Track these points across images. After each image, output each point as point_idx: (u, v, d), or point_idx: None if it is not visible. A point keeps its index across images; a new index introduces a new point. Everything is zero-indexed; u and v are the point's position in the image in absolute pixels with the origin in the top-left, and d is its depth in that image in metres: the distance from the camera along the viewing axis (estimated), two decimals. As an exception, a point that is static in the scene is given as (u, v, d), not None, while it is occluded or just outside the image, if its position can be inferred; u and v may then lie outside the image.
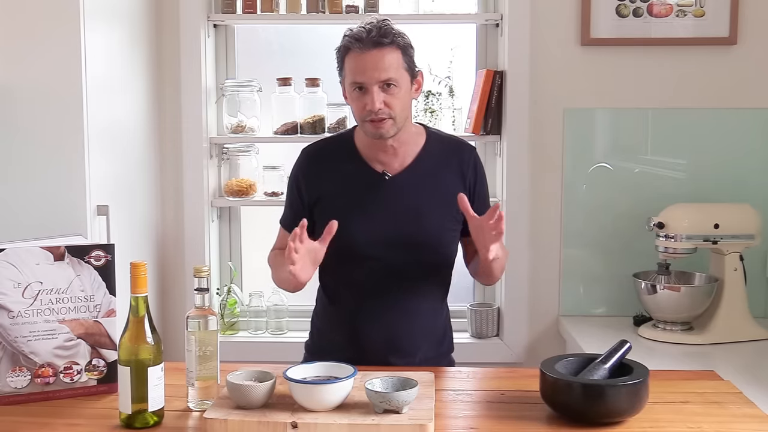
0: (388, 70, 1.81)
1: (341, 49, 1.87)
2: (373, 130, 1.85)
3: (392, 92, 1.83)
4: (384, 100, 1.82)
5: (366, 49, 1.81)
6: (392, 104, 1.83)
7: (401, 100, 1.85)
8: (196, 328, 1.60)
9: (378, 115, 1.82)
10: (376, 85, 1.81)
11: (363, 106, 1.83)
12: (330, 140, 2.10)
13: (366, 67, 1.81)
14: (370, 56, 1.81)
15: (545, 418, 1.56)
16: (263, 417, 1.46)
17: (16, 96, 2.18)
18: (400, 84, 1.84)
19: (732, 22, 2.71)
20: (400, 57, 1.84)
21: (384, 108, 1.82)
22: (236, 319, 2.94)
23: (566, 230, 2.82)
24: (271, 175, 2.85)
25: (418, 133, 1.98)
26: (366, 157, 1.95)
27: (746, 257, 2.54)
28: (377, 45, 1.81)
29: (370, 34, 1.81)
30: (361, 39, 1.81)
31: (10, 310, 1.65)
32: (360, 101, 1.84)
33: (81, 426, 1.55)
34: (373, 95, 1.81)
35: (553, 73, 2.77)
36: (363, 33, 1.82)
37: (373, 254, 1.90)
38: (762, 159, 2.77)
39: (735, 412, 1.59)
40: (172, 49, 2.80)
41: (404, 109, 1.87)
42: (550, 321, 2.86)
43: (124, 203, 2.48)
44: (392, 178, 1.92)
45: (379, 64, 1.81)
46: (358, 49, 1.82)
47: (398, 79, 1.83)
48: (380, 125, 1.83)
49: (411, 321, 1.94)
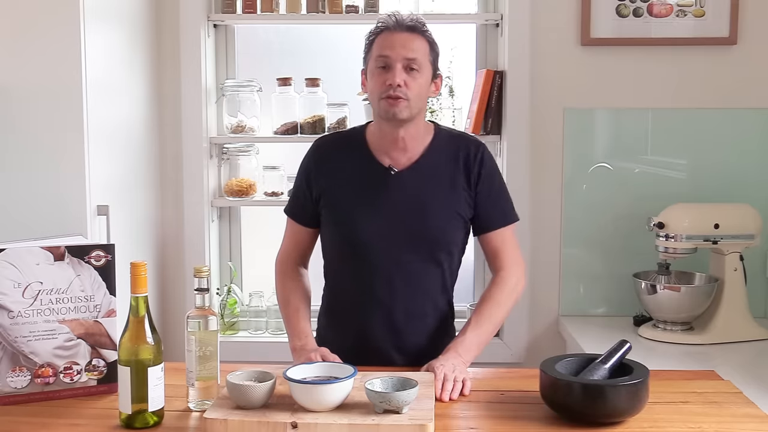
0: (415, 51, 1.86)
1: (374, 31, 1.92)
2: (388, 108, 1.86)
3: (414, 76, 1.86)
4: (405, 80, 1.85)
5: (399, 29, 1.88)
6: (411, 86, 1.85)
7: (420, 86, 1.87)
8: (196, 328, 1.60)
9: (395, 92, 1.84)
10: (400, 63, 1.85)
11: (383, 82, 1.86)
12: (342, 134, 2.13)
13: (395, 44, 1.86)
14: (401, 36, 1.87)
15: (545, 418, 1.56)
16: (263, 417, 1.46)
17: (16, 96, 2.18)
18: (422, 70, 1.87)
19: (732, 22, 2.71)
20: (427, 48, 1.90)
21: (403, 87, 1.84)
22: (236, 319, 2.94)
23: (566, 230, 2.82)
24: (271, 175, 2.85)
25: (427, 130, 1.98)
26: (375, 151, 1.95)
27: (746, 257, 2.54)
28: (410, 29, 1.88)
29: (404, 20, 1.89)
30: (397, 21, 1.89)
31: (10, 310, 1.65)
32: (381, 77, 1.87)
33: (81, 426, 1.55)
34: (395, 71, 1.85)
35: (553, 73, 2.77)
36: (399, 17, 1.90)
37: (377, 247, 1.90)
38: (762, 159, 2.77)
39: (735, 412, 1.59)
40: (172, 49, 2.80)
41: (421, 97, 1.89)
42: (550, 321, 2.86)
43: (124, 203, 2.48)
44: (398, 173, 1.93)
45: (408, 44, 1.87)
46: (392, 29, 1.88)
47: (422, 65, 1.87)
48: (395, 103, 1.85)
49: (414, 317, 1.94)
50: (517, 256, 1.99)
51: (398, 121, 1.87)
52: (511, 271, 1.97)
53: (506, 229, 1.98)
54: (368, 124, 2.01)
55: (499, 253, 1.97)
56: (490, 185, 1.96)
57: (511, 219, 1.99)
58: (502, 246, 1.97)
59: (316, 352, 1.81)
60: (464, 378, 1.71)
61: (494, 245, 1.97)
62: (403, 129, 1.90)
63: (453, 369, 1.73)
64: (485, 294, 1.96)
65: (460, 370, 1.75)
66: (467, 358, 1.83)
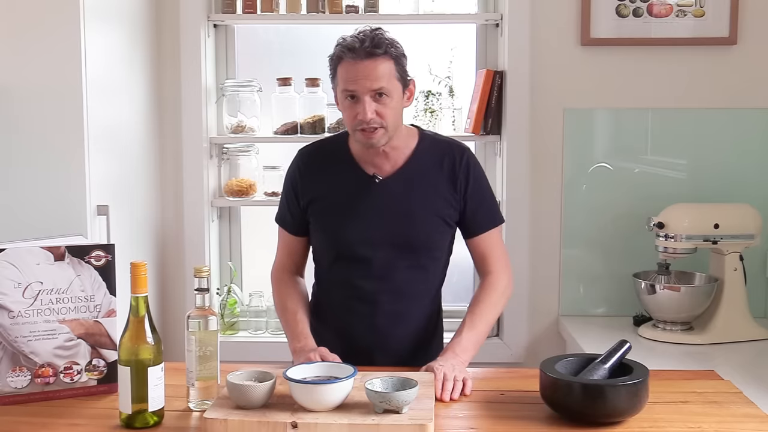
0: (380, 79, 1.81)
1: (334, 57, 1.86)
2: (364, 140, 1.85)
3: (384, 102, 1.82)
4: (376, 110, 1.82)
5: (359, 59, 1.80)
6: (384, 114, 1.83)
7: (393, 110, 1.85)
8: (196, 328, 1.60)
9: (369, 124, 1.82)
10: (368, 95, 1.81)
11: (354, 116, 1.83)
12: (325, 142, 2.09)
13: (358, 77, 1.81)
14: (363, 66, 1.80)
15: (545, 418, 1.56)
16: (263, 417, 1.46)
17: (16, 96, 2.18)
18: (391, 94, 1.83)
19: (732, 22, 2.71)
20: (392, 67, 1.84)
21: (375, 117, 1.82)
22: (236, 319, 2.94)
23: (566, 230, 2.82)
24: (271, 175, 2.85)
25: (410, 135, 1.97)
26: (358, 160, 1.95)
27: (746, 257, 2.54)
28: (370, 55, 1.80)
29: (363, 44, 1.80)
30: (354, 49, 1.81)
31: (11, 310, 1.65)
32: (351, 110, 1.84)
33: (81, 426, 1.55)
34: (364, 105, 1.81)
35: (553, 73, 2.77)
36: (356, 43, 1.81)
37: (363, 255, 1.91)
38: (762, 159, 2.77)
39: (735, 412, 1.59)
40: (172, 49, 2.80)
41: (396, 119, 1.87)
42: (550, 321, 2.86)
43: (124, 203, 2.48)
44: (383, 181, 1.93)
45: (371, 74, 1.80)
46: (351, 59, 1.81)
47: (390, 89, 1.83)
48: (371, 135, 1.84)
49: (399, 322, 1.95)
50: (505, 260, 2.01)
51: (377, 147, 1.88)
52: (500, 276, 1.98)
53: (494, 231, 1.99)
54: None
55: (488, 257, 1.98)
56: (476, 190, 1.96)
57: (499, 221, 2.01)
58: (490, 249, 1.98)
59: (315, 352, 1.81)
60: (465, 378, 1.72)
61: (483, 248, 1.98)
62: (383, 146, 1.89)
63: (453, 369, 1.73)
64: (478, 296, 1.96)
65: (460, 369, 1.75)
66: (465, 358, 1.83)
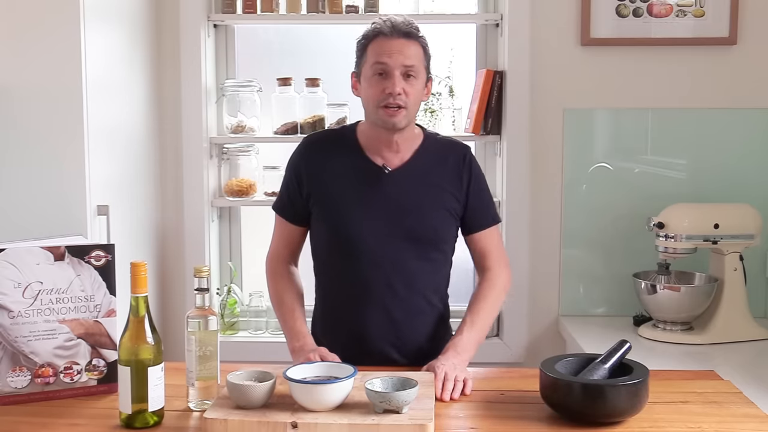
0: (413, 58, 1.86)
1: (369, 34, 1.91)
2: (387, 117, 1.86)
3: (411, 83, 1.87)
4: (404, 88, 1.85)
5: (395, 35, 1.87)
6: (410, 93, 1.86)
7: (417, 93, 1.89)
8: (196, 328, 1.60)
9: (396, 100, 1.84)
10: (398, 70, 1.85)
11: (382, 90, 1.86)
12: (332, 132, 2.14)
13: (393, 51, 1.85)
14: (398, 43, 1.86)
15: (545, 418, 1.56)
16: (263, 417, 1.46)
17: (16, 96, 2.18)
18: (419, 77, 1.88)
19: (732, 22, 2.71)
20: (422, 53, 1.90)
21: (402, 95, 1.85)
22: (236, 319, 2.94)
23: (566, 230, 2.82)
24: (271, 175, 2.85)
25: (417, 132, 2.00)
26: (366, 150, 1.96)
27: (746, 257, 2.54)
28: (406, 35, 1.88)
29: (401, 25, 1.88)
30: (393, 25, 1.87)
31: (11, 310, 1.65)
32: (379, 85, 1.86)
33: (81, 426, 1.55)
34: (395, 79, 1.85)
35: (553, 73, 2.77)
36: (394, 21, 1.88)
37: (369, 247, 1.91)
38: (762, 159, 2.77)
39: (735, 412, 1.59)
40: (172, 49, 2.80)
41: (417, 103, 1.91)
42: (550, 321, 2.86)
43: (124, 203, 2.48)
44: (392, 173, 1.93)
45: (405, 50, 1.86)
46: (388, 35, 1.87)
47: (418, 71, 1.88)
48: (395, 113, 1.86)
49: (410, 315, 1.94)
50: (504, 258, 2.04)
51: (396, 130, 1.89)
52: (499, 272, 2.01)
53: (493, 229, 2.02)
54: (358, 123, 2.02)
55: (488, 254, 2.01)
56: (477, 187, 2.00)
57: (498, 219, 2.05)
58: (490, 246, 2.01)
59: (315, 352, 1.81)
60: (465, 377, 1.72)
61: (483, 245, 2.01)
62: (398, 134, 1.91)
63: (453, 368, 1.73)
64: (477, 293, 1.98)
65: (461, 369, 1.76)
66: (466, 357, 1.83)
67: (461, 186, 1.96)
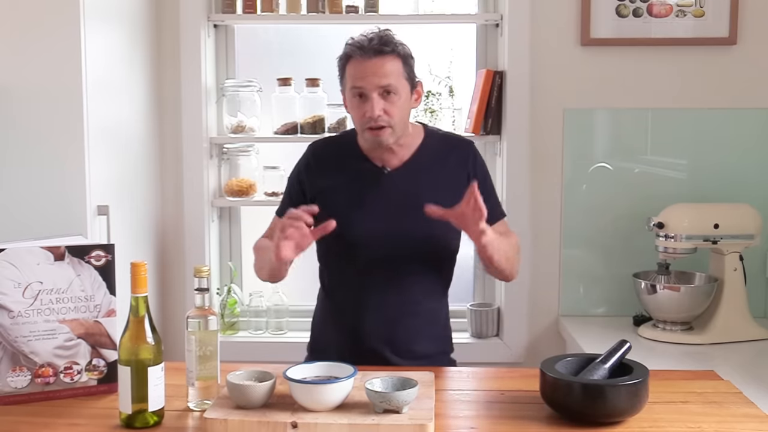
0: (388, 76, 1.84)
1: (343, 57, 1.89)
2: (372, 138, 1.87)
3: (392, 100, 1.85)
4: (384, 108, 1.84)
5: (367, 56, 1.84)
6: (391, 112, 1.85)
7: (400, 108, 1.87)
8: (196, 328, 1.60)
9: (377, 122, 1.84)
10: (376, 92, 1.83)
11: (363, 114, 1.85)
12: (335, 138, 2.16)
13: (366, 73, 1.83)
14: (371, 63, 1.83)
15: (545, 418, 1.56)
16: (263, 417, 1.46)
17: (16, 96, 2.18)
18: (399, 92, 1.86)
19: (732, 22, 2.71)
20: (400, 66, 1.87)
21: (383, 115, 1.84)
22: (236, 319, 2.94)
23: (566, 230, 2.82)
24: (271, 175, 2.85)
25: (415, 131, 2.00)
26: (367, 153, 1.97)
27: (746, 257, 2.54)
28: (378, 53, 1.84)
29: (372, 42, 1.84)
30: (363, 47, 1.84)
31: (11, 310, 1.65)
32: (360, 109, 1.86)
33: (81, 426, 1.55)
34: (372, 102, 1.83)
35: (553, 73, 2.77)
36: (365, 41, 1.85)
37: (371, 248, 1.91)
38: (762, 159, 2.77)
39: (735, 412, 1.59)
40: (172, 49, 2.80)
41: (403, 118, 1.89)
42: (550, 321, 2.86)
43: (124, 203, 2.48)
44: (391, 173, 1.94)
45: (380, 70, 1.83)
46: (360, 57, 1.84)
47: (398, 87, 1.85)
48: (379, 133, 1.86)
49: (409, 317, 1.95)
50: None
51: (385, 146, 1.90)
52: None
53: (500, 224, 2.01)
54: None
55: None
56: (484, 184, 1.97)
57: (503, 214, 2.05)
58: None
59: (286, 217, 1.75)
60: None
61: None
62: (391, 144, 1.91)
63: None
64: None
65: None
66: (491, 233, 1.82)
67: (465, 184, 1.94)
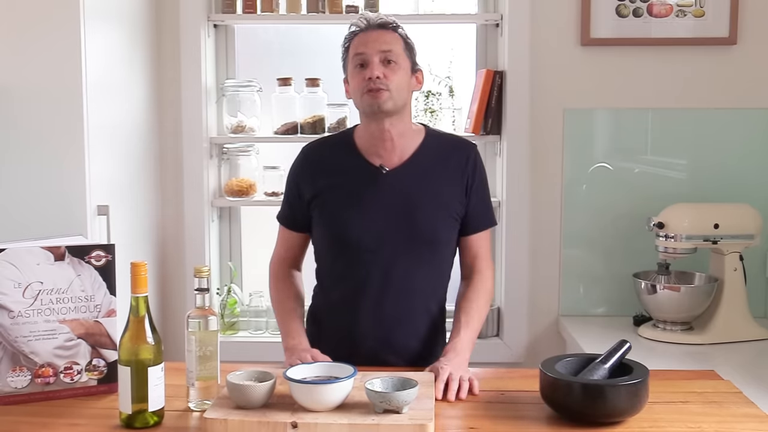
0: (389, 44, 1.89)
1: (347, 36, 1.94)
2: (371, 101, 1.86)
3: (392, 68, 1.88)
4: (383, 72, 1.86)
5: (371, 28, 1.91)
6: (390, 77, 1.87)
7: (400, 78, 1.88)
8: (196, 328, 1.60)
9: (376, 84, 1.85)
10: (376, 57, 1.87)
11: (362, 78, 1.87)
12: (329, 138, 2.15)
13: (368, 41, 1.89)
14: (374, 33, 1.90)
15: (545, 418, 1.56)
16: (263, 417, 1.46)
17: (16, 96, 2.18)
18: (399, 62, 1.89)
19: (732, 22, 2.71)
20: (401, 42, 1.92)
21: (383, 78, 1.85)
22: (236, 319, 2.94)
23: (566, 230, 2.82)
24: (272, 175, 2.85)
25: (417, 131, 1.99)
26: (364, 152, 1.95)
27: (746, 257, 2.54)
28: (380, 27, 1.91)
29: (376, 18, 1.92)
30: (367, 20, 1.92)
31: (11, 310, 1.65)
32: (360, 75, 1.88)
33: (81, 426, 1.55)
34: (373, 65, 1.86)
35: (553, 73, 2.77)
36: (369, 16, 1.94)
37: (368, 247, 1.90)
38: (762, 159, 2.77)
39: (735, 412, 1.59)
40: (172, 49, 2.80)
41: (402, 89, 1.89)
42: (550, 321, 2.86)
43: (124, 203, 2.48)
44: (389, 173, 1.93)
45: (381, 38, 1.89)
46: (364, 29, 1.91)
47: (398, 56, 1.89)
48: (377, 95, 1.85)
49: (406, 317, 1.94)
50: (492, 262, 2.05)
51: (383, 113, 1.87)
52: (488, 276, 2.01)
53: (488, 232, 2.02)
54: (356, 127, 2.01)
55: (479, 257, 2.00)
56: (479, 188, 1.99)
57: (494, 222, 2.05)
58: (482, 249, 2.01)
59: (308, 352, 1.81)
60: (471, 378, 1.72)
61: (477, 247, 2.00)
62: (388, 121, 1.89)
63: (458, 368, 1.73)
64: (469, 295, 1.96)
65: (465, 369, 1.76)
66: (466, 357, 1.83)
67: (464, 186, 1.95)
